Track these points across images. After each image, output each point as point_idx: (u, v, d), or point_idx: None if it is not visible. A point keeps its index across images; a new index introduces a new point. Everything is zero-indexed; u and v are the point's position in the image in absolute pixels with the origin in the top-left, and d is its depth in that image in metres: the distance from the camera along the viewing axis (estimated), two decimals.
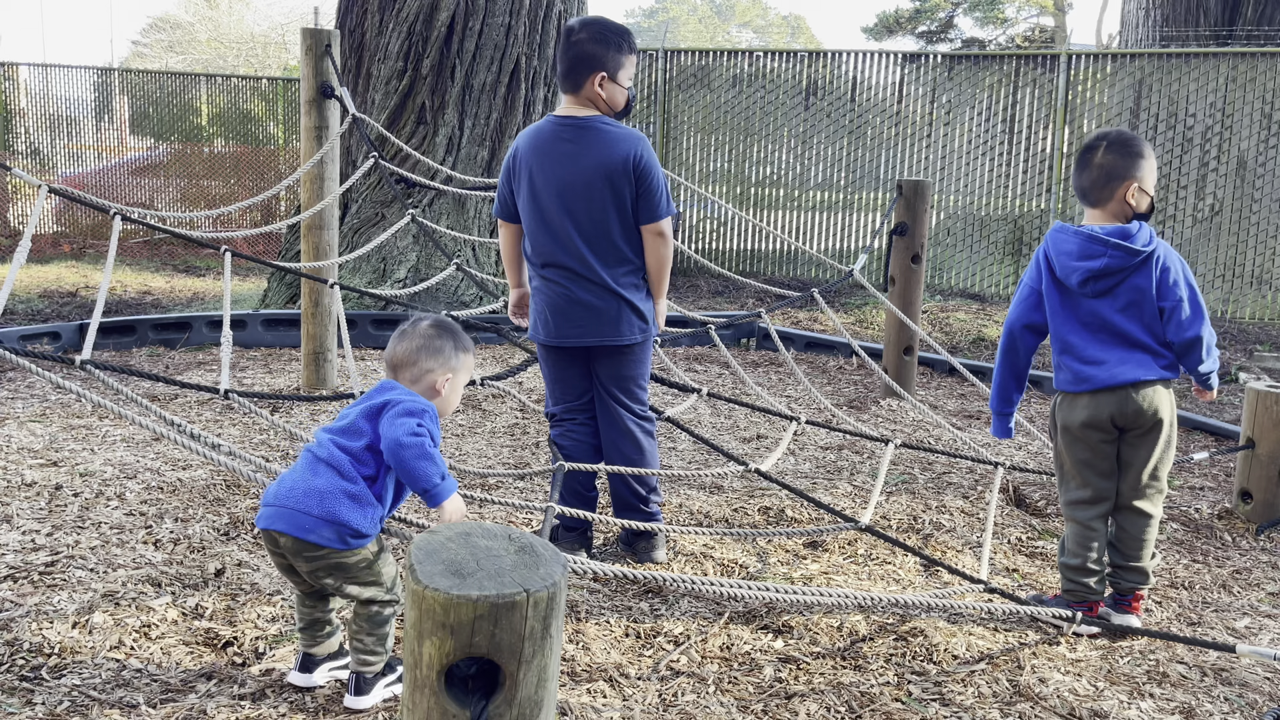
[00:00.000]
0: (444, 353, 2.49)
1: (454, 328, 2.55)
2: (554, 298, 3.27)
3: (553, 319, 3.28)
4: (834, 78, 12.13)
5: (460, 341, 2.54)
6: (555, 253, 3.24)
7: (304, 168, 4.91)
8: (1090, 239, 3.01)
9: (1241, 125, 10.57)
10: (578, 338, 3.27)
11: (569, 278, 3.23)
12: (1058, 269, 3.04)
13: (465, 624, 1.40)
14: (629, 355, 3.33)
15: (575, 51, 3.16)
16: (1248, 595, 3.44)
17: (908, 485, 4.38)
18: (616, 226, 3.21)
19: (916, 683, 2.71)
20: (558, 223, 3.21)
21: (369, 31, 7.55)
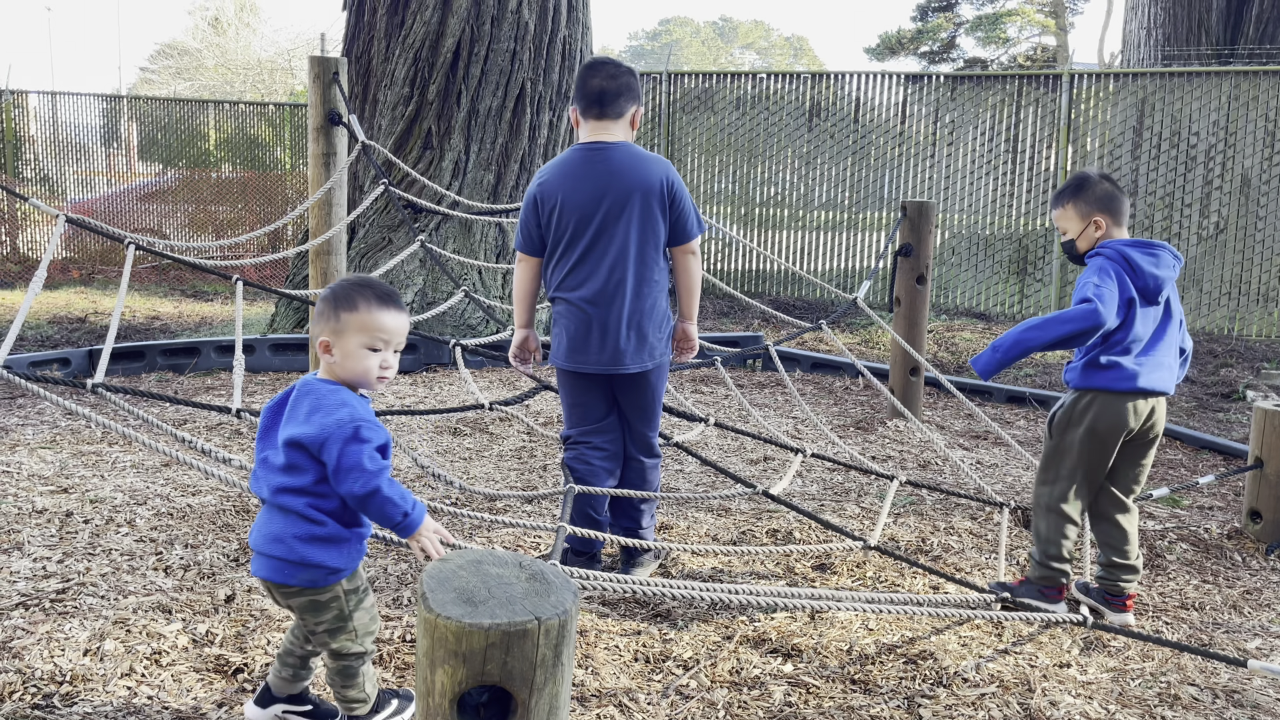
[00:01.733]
0: (324, 316, 2.23)
1: (344, 287, 2.25)
2: (581, 323, 3.28)
3: (580, 344, 3.29)
4: (837, 99, 12.20)
5: (345, 300, 2.22)
6: (588, 276, 3.26)
7: (313, 196, 4.95)
8: (1163, 248, 3.10)
9: (1245, 143, 10.60)
10: (606, 365, 3.29)
11: (599, 303, 3.26)
12: (1147, 279, 3.05)
13: (477, 652, 1.40)
14: (651, 379, 3.39)
15: (624, 82, 3.27)
16: (1259, 616, 3.42)
17: (915, 507, 4.38)
18: (650, 247, 3.28)
19: (927, 706, 2.71)
20: (594, 244, 3.25)
21: (375, 58, 7.62)
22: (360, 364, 2.22)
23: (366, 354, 2.22)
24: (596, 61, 3.33)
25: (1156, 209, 10.95)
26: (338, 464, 2.11)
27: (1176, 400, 7.19)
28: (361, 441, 2.13)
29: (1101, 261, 3.08)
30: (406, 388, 6.34)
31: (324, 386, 2.23)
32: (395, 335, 2.26)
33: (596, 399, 3.39)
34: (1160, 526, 4.24)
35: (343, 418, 2.14)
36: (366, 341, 2.22)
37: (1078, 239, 3.19)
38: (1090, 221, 3.16)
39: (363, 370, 2.23)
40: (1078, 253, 3.20)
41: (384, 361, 2.24)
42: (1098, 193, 3.15)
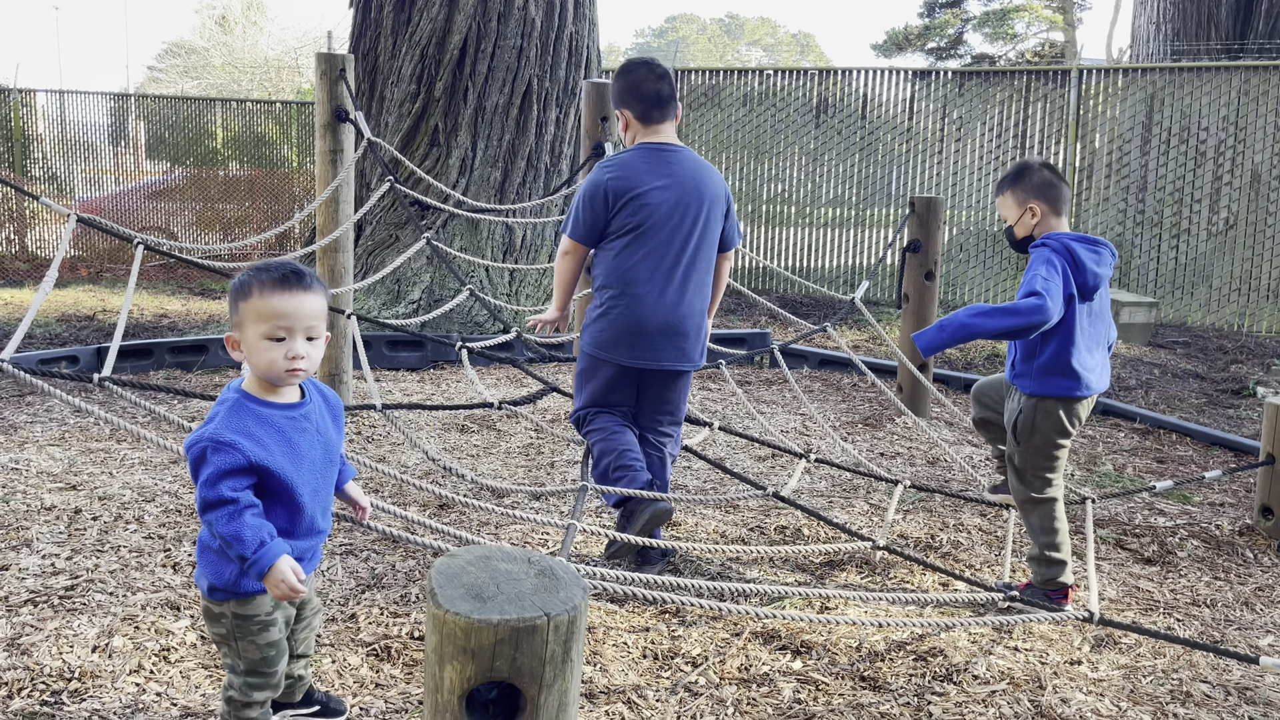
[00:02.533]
0: (229, 310, 2.03)
1: (242, 275, 2.03)
2: (638, 316, 3.32)
3: (636, 338, 3.33)
4: (844, 95, 12.16)
5: (240, 289, 2.00)
6: (654, 271, 3.31)
7: (321, 195, 4.94)
8: (1105, 246, 3.13)
9: (1255, 138, 10.54)
10: (669, 360, 3.37)
11: (666, 299, 3.32)
12: (1089, 276, 3.08)
13: (486, 648, 1.40)
14: (688, 378, 3.54)
15: (671, 85, 3.36)
16: (1271, 613, 3.40)
17: (924, 504, 4.36)
18: (713, 251, 3.44)
19: (937, 703, 2.69)
20: (669, 242, 3.32)
21: (382, 55, 7.62)
22: (262, 357, 1.97)
23: (268, 345, 1.96)
24: (642, 63, 3.40)
25: (1166, 205, 10.90)
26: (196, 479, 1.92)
27: (1186, 397, 7.16)
28: (205, 464, 1.90)
29: (1048, 254, 3.09)
30: (414, 384, 6.34)
31: (225, 394, 2.02)
32: (299, 320, 1.98)
33: (628, 392, 3.46)
34: (1171, 523, 4.22)
35: (199, 435, 1.93)
36: (265, 330, 1.96)
37: (1015, 225, 3.25)
38: (1026, 209, 3.20)
39: (266, 364, 1.97)
40: (1016, 239, 3.27)
41: (291, 351, 1.97)
42: (1035, 181, 3.20)
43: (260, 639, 2.09)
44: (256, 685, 2.12)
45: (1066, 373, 3.12)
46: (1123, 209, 11.07)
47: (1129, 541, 3.97)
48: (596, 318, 3.39)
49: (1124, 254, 11.10)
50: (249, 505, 1.92)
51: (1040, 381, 3.15)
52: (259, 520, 1.93)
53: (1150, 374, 7.95)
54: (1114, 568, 3.72)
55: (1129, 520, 4.24)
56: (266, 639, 2.10)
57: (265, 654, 2.10)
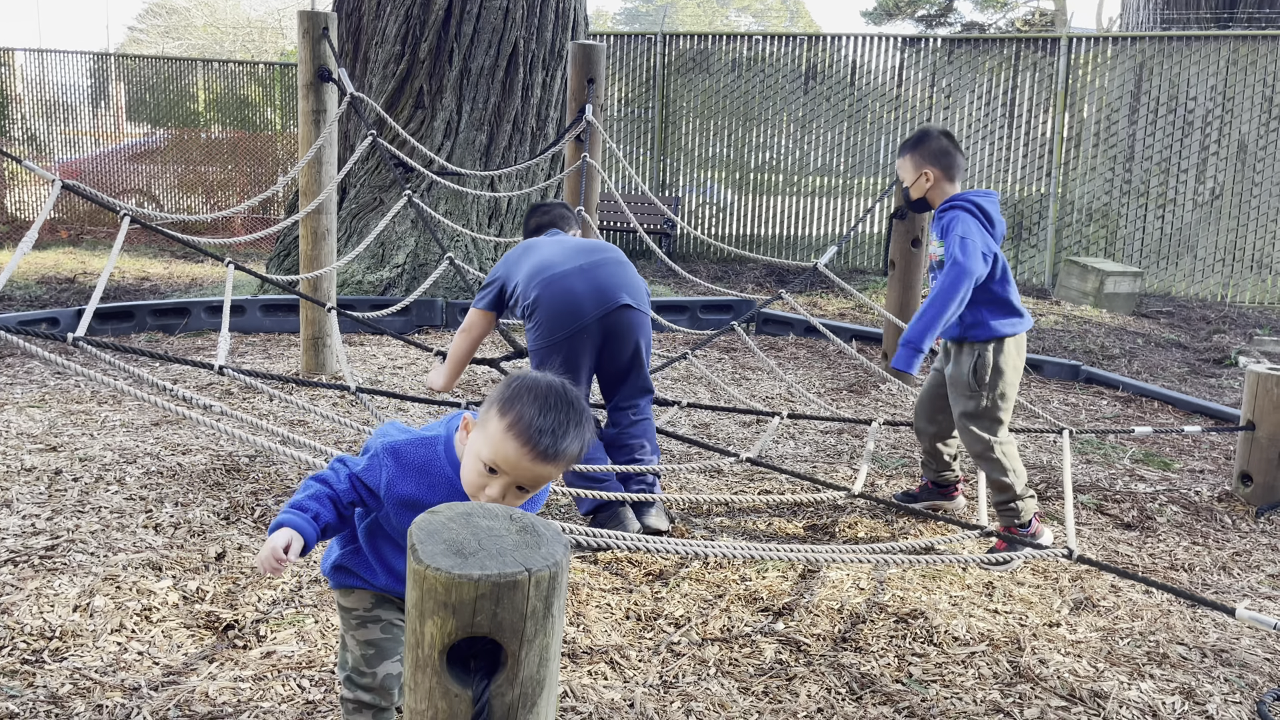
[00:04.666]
0: (492, 396, 1.80)
1: (519, 398, 1.74)
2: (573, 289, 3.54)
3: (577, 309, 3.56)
4: (833, 61, 12.08)
5: (506, 406, 1.73)
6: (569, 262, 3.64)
7: (305, 156, 4.88)
8: (997, 196, 3.45)
9: (1242, 108, 10.53)
10: (618, 301, 3.58)
11: (586, 275, 3.60)
12: (997, 231, 3.34)
13: (467, 603, 1.39)
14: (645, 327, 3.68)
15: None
16: (1248, 577, 3.44)
17: (907, 468, 4.38)
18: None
19: (917, 664, 2.72)
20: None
21: (366, 15, 7.51)
22: (469, 476, 1.78)
23: (481, 470, 1.75)
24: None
25: (1152, 174, 10.91)
26: None
27: (1169, 366, 7.20)
28: (362, 455, 1.89)
29: (961, 215, 3.28)
30: (398, 349, 6.31)
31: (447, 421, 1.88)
32: (522, 476, 1.75)
33: (587, 370, 3.58)
34: (1151, 490, 4.25)
35: (388, 437, 1.88)
36: (487, 461, 1.74)
37: (911, 187, 3.46)
38: (921, 173, 3.39)
39: (468, 482, 1.79)
40: (911, 199, 3.48)
41: (492, 492, 1.76)
42: (933, 148, 3.39)
43: (358, 635, 1.98)
44: (356, 684, 1.99)
45: (1010, 311, 3.34)
46: (1109, 178, 11.07)
47: (1109, 507, 4.00)
48: (533, 327, 3.47)
49: (1110, 224, 11.11)
50: (338, 495, 1.84)
51: (994, 326, 3.34)
52: (330, 505, 1.84)
53: (1134, 343, 7.99)
54: (1094, 532, 3.75)
55: (1109, 486, 4.27)
56: (365, 636, 1.98)
57: (364, 652, 1.98)
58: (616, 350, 3.51)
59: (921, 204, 3.48)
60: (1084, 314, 9.11)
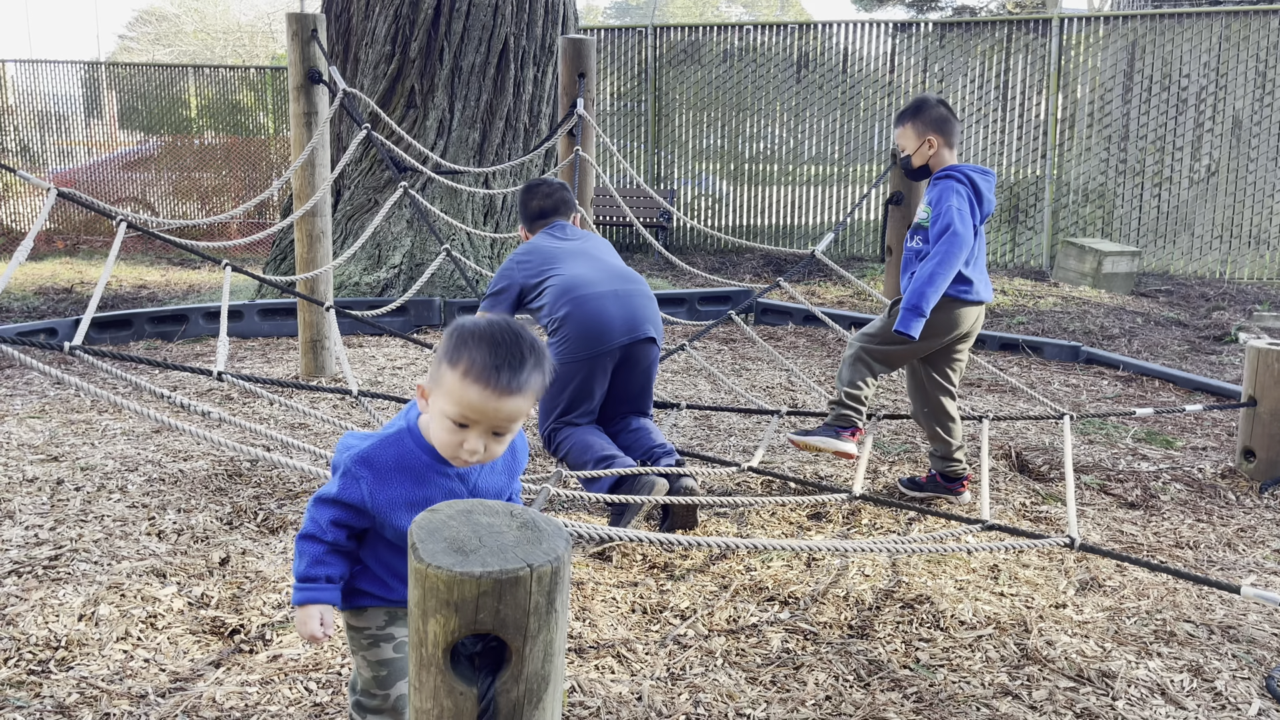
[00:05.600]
0: (436, 358, 1.74)
1: (463, 342, 1.69)
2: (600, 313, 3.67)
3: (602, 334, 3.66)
4: (825, 50, 12.05)
5: (454, 355, 1.68)
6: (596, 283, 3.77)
7: (298, 159, 4.87)
8: (992, 174, 3.52)
9: (1236, 84, 10.51)
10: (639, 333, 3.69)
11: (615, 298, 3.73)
12: (987, 205, 3.46)
13: (469, 601, 1.38)
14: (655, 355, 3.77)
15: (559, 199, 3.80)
16: (1253, 553, 3.44)
17: (909, 454, 4.38)
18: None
19: (924, 649, 2.71)
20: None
21: (355, 16, 7.48)
22: (440, 435, 1.73)
23: (451, 428, 1.71)
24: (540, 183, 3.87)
25: (1148, 153, 10.89)
26: None
27: (1169, 344, 7.19)
28: (334, 479, 1.80)
29: (955, 186, 3.40)
30: (397, 350, 6.31)
31: (404, 415, 1.83)
32: (492, 419, 1.70)
33: (599, 393, 3.65)
34: (1154, 468, 4.25)
35: (352, 449, 1.79)
36: (453, 415, 1.70)
37: (913, 155, 3.54)
38: (924, 140, 3.49)
39: (441, 443, 1.74)
40: (913, 168, 3.56)
41: (470, 446, 1.71)
42: (933, 115, 3.48)
43: (370, 655, 1.90)
44: (366, 707, 1.92)
45: (960, 279, 3.44)
46: (1104, 158, 11.05)
47: (1113, 487, 3.99)
48: (557, 342, 3.50)
49: (1106, 204, 11.09)
50: (332, 542, 1.80)
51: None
52: (333, 557, 1.80)
53: (1133, 322, 7.98)
54: (1098, 513, 3.74)
55: (1112, 466, 4.26)
56: (377, 656, 1.90)
57: (376, 673, 1.91)
58: (629, 378, 3.58)
59: (922, 171, 3.54)
60: (1083, 295, 9.10)
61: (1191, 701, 2.48)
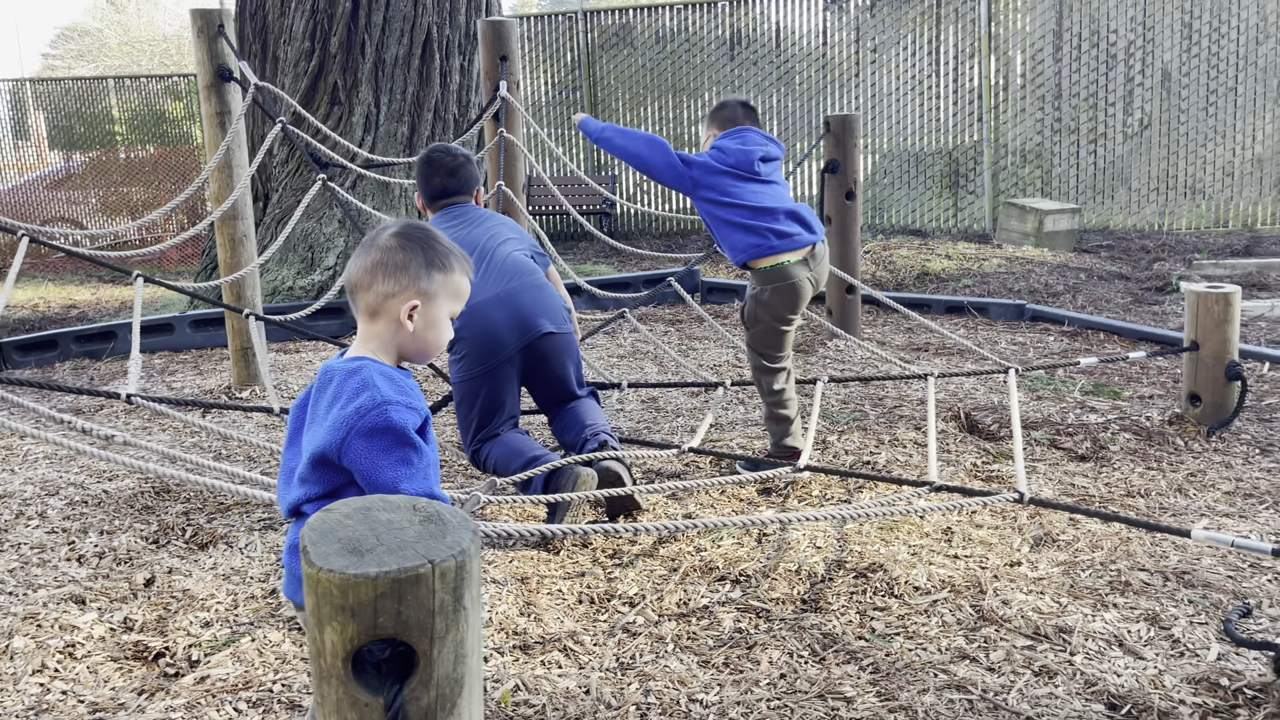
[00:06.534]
0: (408, 269, 1.82)
1: (427, 237, 1.86)
2: (491, 321, 3.55)
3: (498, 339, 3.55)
4: (758, 27, 11.97)
5: (434, 254, 1.84)
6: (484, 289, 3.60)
7: (213, 161, 4.69)
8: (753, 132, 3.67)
9: (1163, 38, 10.60)
10: (538, 329, 3.56)
11: (501, 300, 3.57)
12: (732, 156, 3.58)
13: (366, 604, 1.28)
14: (569, 346, 3.64)
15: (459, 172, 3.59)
16: (1204, 496, 3.42)
17: (859, 422, 4.32)
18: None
19: (879, 618, 2.65)
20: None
21: (271, 13, 7.26)
22: (444, 335, 1.88)
23: (448, 324, 1.89)
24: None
25: (1081, 110, 10.96)
26: (370, 465, 1.71)
27: (1113, 298, 7.23)
28: (394, 430, 1.72)
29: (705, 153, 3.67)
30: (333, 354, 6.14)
31: (344, 368, 1.80)
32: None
33: (514, 396, 3.54)
34: (1103, 419, 4.23)
35: (363, 404, 1.72)
36: (454, 309, 1.89)
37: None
38: (710, 134, 3.73)
39: (441, 343, 1.88)
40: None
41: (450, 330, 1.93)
42: (723, 115, 3.72)
43: None
44: None
45: (754, 233, 3.52)
46: (1040, 119, 11.11)
47: (1063, 441, 3.96)
48: (457, 359, 3.41)
49: (1044, 163, 11.16)
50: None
51: (739, 252, 3.57)
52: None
53: (1077, 279, 8.01)
54: (1049, 468, 3.71)
55: (1062, 420, 4.24)
56: None
57: None
58: (543, 374, 3.47)
59: None
60: (1026, 254, 9.13)
61: (1150, 650, 2.44)
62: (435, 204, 3.58)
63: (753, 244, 3.53)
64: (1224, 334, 3.95)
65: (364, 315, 1.84)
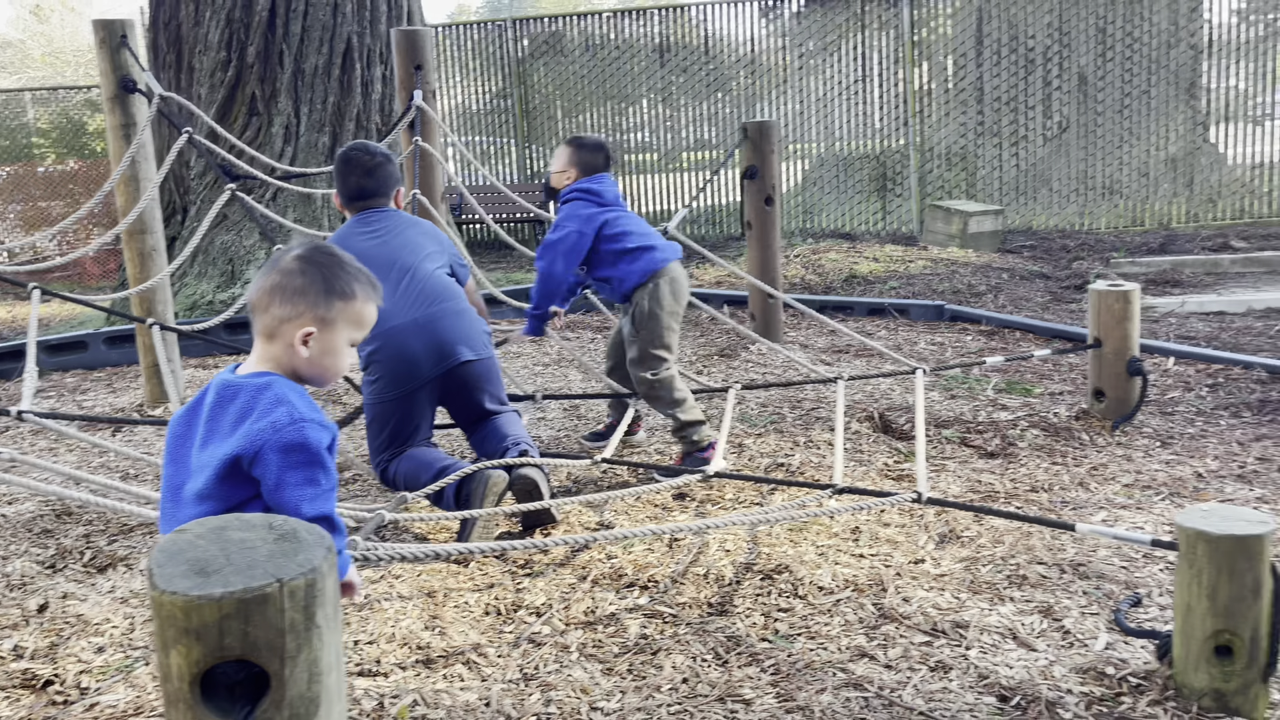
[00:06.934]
0: (306, 295, 1.82)
1: (330, 261, 1.88)
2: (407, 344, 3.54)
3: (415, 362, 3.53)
4: (689, 34, 12.05)
5: (335, 281, 1.85)
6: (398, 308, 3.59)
7: (116, 173, 4.59)
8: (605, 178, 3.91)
9: (1078, 42, 10.88)
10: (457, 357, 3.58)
11: (419, 323, 3.55)
12: (607, 197, 3.83)
13: (211, 626, 1.25)
14: (487, 370, 3.67)
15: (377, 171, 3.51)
16: (1104, 490, 3.50)
17: (776, 425, 4.36)
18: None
19: (783, 619, 2.67)
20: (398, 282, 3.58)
21: (185, 23, 7.14)
22: (342, 362, 1.90)
23: (350, 352, 1.91)
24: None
25: (1003, 114, 11.20)
26: (278, 480, 1.74)
27: (1033, 297, 7.38)
28: (308, 449, 1.75)
29: (570, 206, 3.83)
30: None
31: (251, 383, 1.80)
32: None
33: (428, 418, 3.51)
34: (1012, 416, 4.31)
35: (279, 419, 1.75)
36: (354, 337, 1.90)
37: (554, 176, 3.94)
38: (569, 171, 3.88)
39: (339, 370, 1.90)
40: (551, 187, 3.95)
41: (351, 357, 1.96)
42: (586, 159, 3.87)
43: None
44: None
45: (639, 260, 3.75)
46: (964, 123, 11.33)
47: (973, 438, 4.03)
48: (372, 381, 3.35)
49: (968, 166, 11.38)
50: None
51: (627, 280, 3.76)
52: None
53: (999, 278, 8.17)
54: (959, 465, 3.77)
55: (973, 418, 4.32)
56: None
57: None
58: (466, 402, 3.43)
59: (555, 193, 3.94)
60: (951, 256, 9.29)
61: (1042, 642, 2.49)
62: (353, 205, 3.50)
63: (640, 269, 3.76)
64: (1124, 331, 4.06)
65: (261, 336, 1.86)
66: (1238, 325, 6.19)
